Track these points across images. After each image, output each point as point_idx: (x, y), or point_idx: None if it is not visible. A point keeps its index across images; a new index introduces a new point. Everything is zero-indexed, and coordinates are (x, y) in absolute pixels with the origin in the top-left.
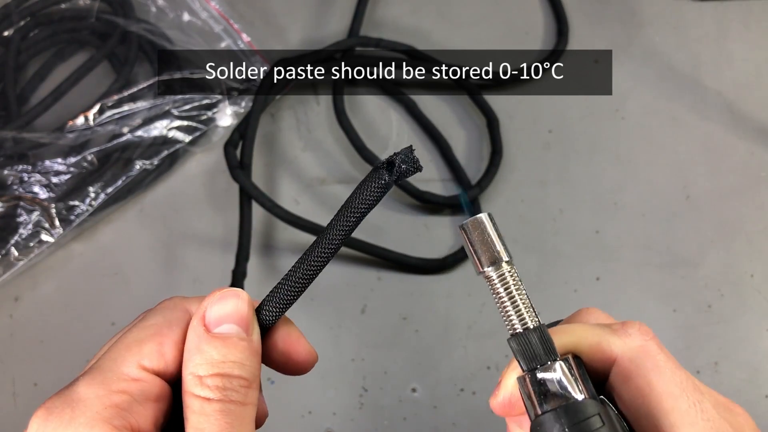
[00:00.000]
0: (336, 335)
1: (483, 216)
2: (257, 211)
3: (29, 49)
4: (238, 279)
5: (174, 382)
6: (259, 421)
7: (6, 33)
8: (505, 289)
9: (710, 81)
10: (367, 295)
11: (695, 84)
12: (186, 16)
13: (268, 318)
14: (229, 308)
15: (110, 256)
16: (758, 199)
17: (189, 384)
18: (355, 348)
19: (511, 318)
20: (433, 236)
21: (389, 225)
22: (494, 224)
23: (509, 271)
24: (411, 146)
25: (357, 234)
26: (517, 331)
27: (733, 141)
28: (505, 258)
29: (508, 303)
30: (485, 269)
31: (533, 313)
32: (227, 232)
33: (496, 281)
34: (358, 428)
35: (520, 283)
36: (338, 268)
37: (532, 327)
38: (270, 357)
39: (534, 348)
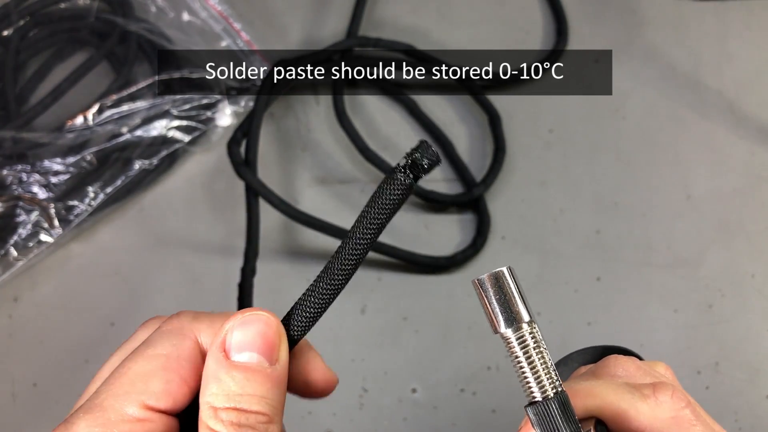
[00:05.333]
0: (336, 335)
1: (503, 270)
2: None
3: (28, 48)
4: (247, 276)
5: (182, 413)
6: None
7: (5, 32)
8: (525, 353)
9: (711, 80)
10: (367, 295)
11: (696, 84)
12: (186, 16)
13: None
14: (252, 333)
15: (109, 256)
16: (759, 199)
17: (204, 414)
18: (355, 348)
19: (529, 384)
20: (435, 235)
21: (391, 224)
22: (515, 279)
23: (530, 332)
24: (425, 141)
25: None
26: (536, 399)
27: (734, 140)
28: (526, 318)
29: (526, 368)
30: (503, 330)
31: (554, 378)
32: (227, 232)
33: (514, 343)
34: (358, 429)
35: (541, 344)
36: None
37: (552, 395)
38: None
39: (554, 420)
